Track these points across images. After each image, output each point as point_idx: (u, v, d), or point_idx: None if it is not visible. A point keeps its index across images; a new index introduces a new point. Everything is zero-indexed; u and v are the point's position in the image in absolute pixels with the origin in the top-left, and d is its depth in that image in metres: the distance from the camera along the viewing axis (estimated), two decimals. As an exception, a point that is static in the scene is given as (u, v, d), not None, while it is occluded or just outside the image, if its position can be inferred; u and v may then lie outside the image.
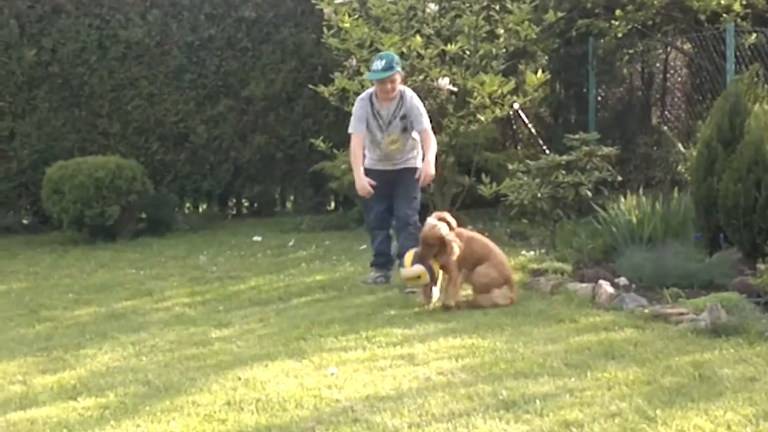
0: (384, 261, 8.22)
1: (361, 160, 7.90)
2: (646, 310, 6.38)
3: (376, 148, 8.07)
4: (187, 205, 14.90)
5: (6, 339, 6.80)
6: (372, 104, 7.95)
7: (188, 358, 5.92)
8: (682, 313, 6.22)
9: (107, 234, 12.10)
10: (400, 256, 7.63)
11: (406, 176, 8.02)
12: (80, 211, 11.81)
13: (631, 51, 12.67)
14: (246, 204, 15.09)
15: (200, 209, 15.03)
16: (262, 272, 9.19)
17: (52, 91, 13.64)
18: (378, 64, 7.83)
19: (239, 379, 5.30)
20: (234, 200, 15.10)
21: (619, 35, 11.52)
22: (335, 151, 11.05)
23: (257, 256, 10.34)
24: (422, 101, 9.27)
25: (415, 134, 7.98)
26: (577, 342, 5.78)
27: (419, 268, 6.91)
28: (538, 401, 4.58)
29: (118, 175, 12.01)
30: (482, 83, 10.17)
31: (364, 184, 7.76)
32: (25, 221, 14.04)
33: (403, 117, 7.92)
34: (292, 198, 15.21)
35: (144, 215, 13.23)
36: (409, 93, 8.01)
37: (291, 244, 11.12)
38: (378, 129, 7.95)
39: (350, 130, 7.97)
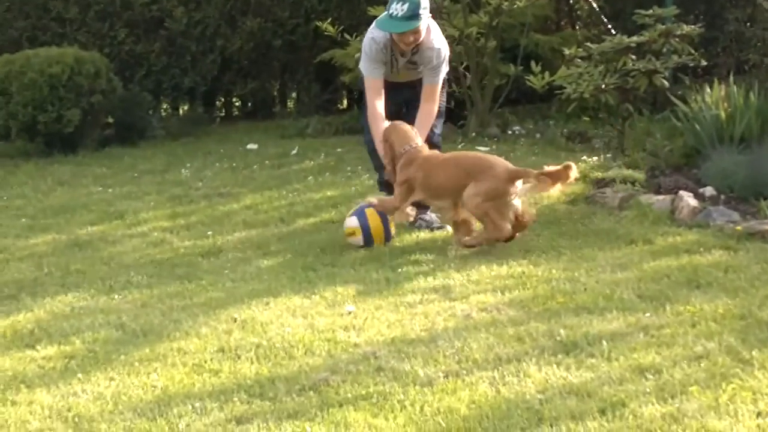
0: None
1: (382, 122, 6.93)
2: (739, 227, 6.34)
3: None
4: (165, 106, 14.92)
5: (-54, 275, 6.86)
6: (391, 52, 7.07)
7: (171, 295, 5.95)
8: (783, 230, 6.19)
9: (66, 144, 12.13)
10: None
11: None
12: (32, 117, 11.82)
13: None
14: (237, 104, 15.09)
15: (180, 111, 15.02)
16: (260, 188, 9.20)
17: (-9, -34, 13.58)
18: (397, 7, 6.76)
19: (234, 320, 5.32)
20: (222, 99, 15.09)
21: None
22: (347, 36, 10.95)
23: (253, 169, 10.35)
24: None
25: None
26: (653, 268, 5.75)
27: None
28: (604, 342, 4.56)
29: (77, 71, 11.97)
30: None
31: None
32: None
33: (414, 63, 7.16)
34: (294, 96, 15.17)
35: (111, 120, 13.22)
36: (431, 36, 7.01)
37: (294, 152, 11.11)
38: (389, 70, 7.16)
39: (364, 71, 7.11)
